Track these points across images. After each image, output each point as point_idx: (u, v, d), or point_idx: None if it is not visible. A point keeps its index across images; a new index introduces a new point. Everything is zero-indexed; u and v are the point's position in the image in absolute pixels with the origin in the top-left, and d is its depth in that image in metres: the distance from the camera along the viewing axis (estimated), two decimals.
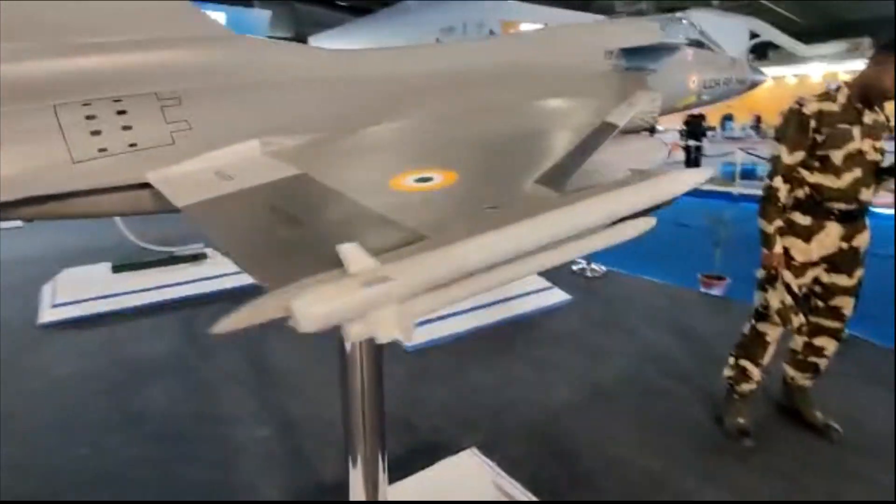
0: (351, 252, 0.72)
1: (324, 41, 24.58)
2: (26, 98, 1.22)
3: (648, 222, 1.12)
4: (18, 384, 3.82)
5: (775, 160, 2.89)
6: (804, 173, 2.86)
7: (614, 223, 1.04)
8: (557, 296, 5.32)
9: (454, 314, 4.72)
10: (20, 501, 2.51)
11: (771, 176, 2.91)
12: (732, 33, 22.50)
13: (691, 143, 12.84)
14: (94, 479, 2.83)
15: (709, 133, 14.82)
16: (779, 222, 2.89)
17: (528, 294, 5.18)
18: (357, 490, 1.83)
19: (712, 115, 18.12)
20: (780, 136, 2.90)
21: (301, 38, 25.60)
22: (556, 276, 5.77)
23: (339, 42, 22.77)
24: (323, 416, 3.31)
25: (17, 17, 1.23)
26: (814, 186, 2.85)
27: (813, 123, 2.78)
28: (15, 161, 1.17)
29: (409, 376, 3.94)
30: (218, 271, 5.83)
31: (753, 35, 25.42)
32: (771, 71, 23.61)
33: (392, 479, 2.54)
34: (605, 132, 1.42)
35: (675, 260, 6.74)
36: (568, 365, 4.09)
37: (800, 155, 2.83)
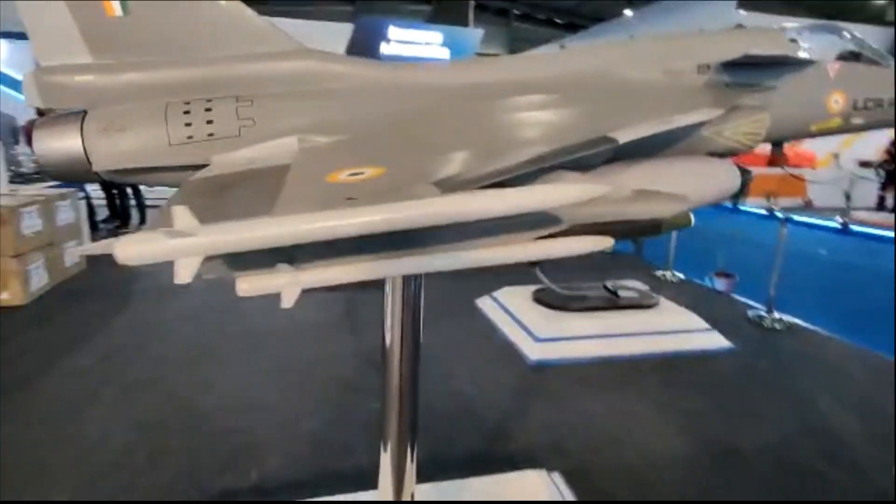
0: (178, 212, 0.88)
1: None
2: (149, 97, 1.67)
3: (604, 242, 1.03)
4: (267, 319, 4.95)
5: None
6: None
7: (558, 235, 0.98)
8: (715, 340, 4.72)
9: (587, 337, 4.53)
10: (21, 501, 2.66)
11: None
12: None
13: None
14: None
15: None
16: None
17: (677, 332, 4.71)
18: (385, 473, 1.95)
19: None
20: None
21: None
22: (724, 320, 5.13)
23: None
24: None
25: (146, 38, 1.67)
26: None
27: None
28: (134, 140, 1.63)
29: (521, 388, 3.92)
30: None
31: None
32: None
33: (454, 477, 2.62)
34: (591, 146, 1.31)
35: None
36: (699, 415, 3.62)
37: None
